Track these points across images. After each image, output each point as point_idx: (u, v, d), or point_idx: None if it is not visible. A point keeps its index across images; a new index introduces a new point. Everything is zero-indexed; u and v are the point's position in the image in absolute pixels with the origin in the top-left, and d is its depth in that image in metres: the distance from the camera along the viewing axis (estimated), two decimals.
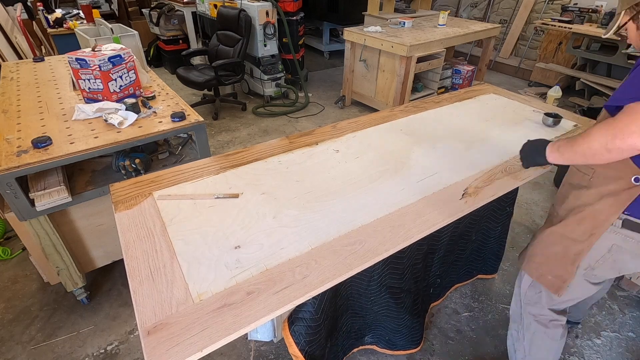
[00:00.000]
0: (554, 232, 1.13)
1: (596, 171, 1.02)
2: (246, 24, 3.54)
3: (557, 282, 1.15)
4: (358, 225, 1.08)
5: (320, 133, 1.61)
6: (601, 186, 1.01)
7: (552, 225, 1.16)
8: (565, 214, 1.11)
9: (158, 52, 5.23)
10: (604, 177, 1.00)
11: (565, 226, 1.10)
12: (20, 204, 1.41)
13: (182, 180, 1.28)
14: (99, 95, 1.79)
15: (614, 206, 0.98)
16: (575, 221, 1.07)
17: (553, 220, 1.18)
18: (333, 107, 4.17)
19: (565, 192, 1.16)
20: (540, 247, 1.19)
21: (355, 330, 1.49)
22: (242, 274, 0.92)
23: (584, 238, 1.05)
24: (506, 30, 5.27)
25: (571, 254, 1.09)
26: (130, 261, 0.94)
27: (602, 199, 1.00)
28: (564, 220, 1.11)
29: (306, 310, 1.15)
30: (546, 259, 1.17)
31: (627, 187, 0.94)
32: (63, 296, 1.89)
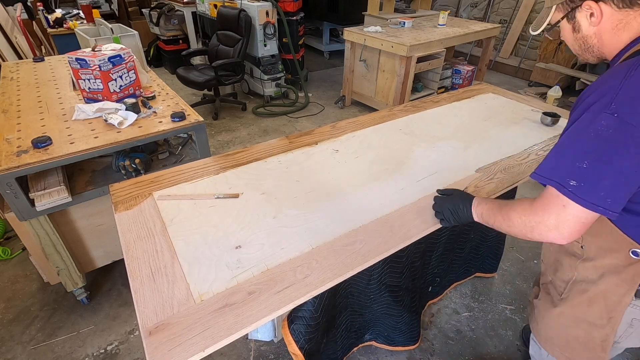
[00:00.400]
0: (565, 314, 0.98)
1: (585, 238, 0.88)
2: (246, 24, 3.54)
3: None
4: (358, 225, 1.08)
5: (320, 133, 1.61)
6: (597, 259, 0.87)
7: (552, 301, 1.02)
8: (565, 287, 0.97)
9: (158, 52, 5.23)
10: (597, 248, 0.86)
11: (575, 307, 0.95)
12: (20, 204, 1.41)
13: (182, 180, 1.28)
14: (99, 95, 1.79)
15: (621, 287, 0.84)
16: (584, 302, 0.92)
17: (550, 289, 1.04)
18: (333, 107, 4.17)
19: (556, 255, 1.00)
20: (556, 330, 1.03)
21: (355, 328, 1.49)
22: (243, 273, 0.92)
23: (604, 322, 0.90)
24: (506, 30, 5.28)
25: (597, 340, 0.94)
26: (131, 261, 0.94)
27: (603, 276, 0.86)
28: (569, 299, 0.96)
29: (306, 309, 1.15)
30: (568, 343, 1.01)
31: (628, 263, 0.81)
32: (63, 296, 1.89)
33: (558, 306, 0.98)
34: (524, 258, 2.19)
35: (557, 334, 1.02)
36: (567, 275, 0.94)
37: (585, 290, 0.90)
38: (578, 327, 0.96)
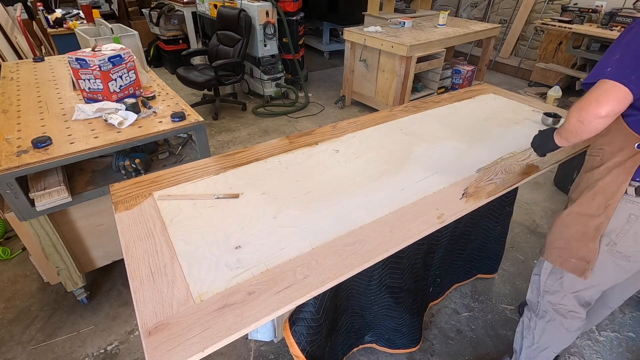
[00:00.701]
0: (571, 212, 1.13)
1: (604, 149, 1.05)
2: (246, 24, 3.54)
3: (581, 264, 1.12)
4: (358, 225, 1.08)
5: (320, 133, 1.61)
6: (609, 161, 1.03)
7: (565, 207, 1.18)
8: (579, 195, 1.12)
9: (158, 52, 5.23)
10: (611, 153, 1.03)
11: (580, 204, 1.10)
12: (20, 204, 1.41)
13: (182, 180, 1.28)
14: (99, 95, 1.79)
15: (621, 175, 1.00)
16: (588, 198, 1.08)
17: (568, 206, 1.19)
18: (333, 107, 4.17)
19: (579, 179, 1.17)
20: (559, 231, 1.18)
21: (355, 329, 1.49)
22: (243, 274, 0.92)
23: (600, 211, 1.05)
24: (506, 30, 5.28)
25: (591, 230, 1.08)
26: (131, 261, 0.94)
27: (610, 172, 1.02)
28: (578, 200, 1.12)
29: (307, 311, 1.15)
30: (567, 242, 1.15)
31: (631, 155, 0.97)
32: (63, 296, 1.89)
33: (567, 207, 1.16)
34: (524, 258, 2.18)
35: (559, 235, 1.18)
36: (584, 185, 1.11)
37: (592, 188, 1.07)
38: (579, 222, 1.11)
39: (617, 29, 3.57)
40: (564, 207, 1.24)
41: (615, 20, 3.67)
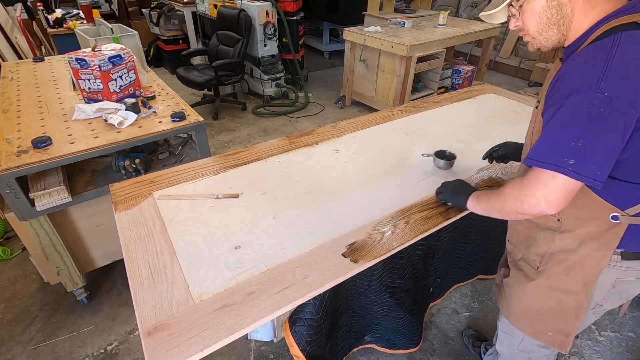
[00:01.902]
0: (540, 285, 0.96)
1: (563, 212, 0.87)
2: (246, 24, 3.54)
3: (560, 338, 0.98)
4: (358, 225, 1.08)
5: (320, 133, 1.61)
6: (576, 229, 0.86)
7: (526, 276, 1.00)
8: (540, 260, 0.95)
9: (158, 52, 5.23)
10: (575, 219, 0.85)
11: (551, 278, 0.93)
12: (20, 204, 1.41)
13: (182, 180, 1.28)
14: (99, 95, 1.79)
15: (600, 250, 0.84)
16: (561, 271, 0.91)
17: (522, 266, 1.02)
18: (333, 107, 4.17)
19: (528, 232, 0.98)
20: (528, 303, 1.01)
21: (355, 330, 1.49)
22: (243, 274, 0.92)
23: (579, 288, 0.90)
24: (506, 30, 5.27)
25: (571, 308, 0.93)
26: (131, 261, 0.94)
27: (583, 243, 0.86)
28: (546, 270, 0.94)
29: (307, 311, 1.14)
30: (539, 315, 1.00)
31: (608, 227, 0.81)
32: (63, 296, 1.89)
33: (534, 279, 0.97)
34: None
35: (529, 307, 1.01)
36: (542, 249, 0.94)
37: (563, 260, 0.90)
38: (552, 298, 0.96)
39: None
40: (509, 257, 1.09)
41: None
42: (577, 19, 0.76)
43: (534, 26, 0.80)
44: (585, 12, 0.75)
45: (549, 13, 0.77)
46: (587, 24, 0.75)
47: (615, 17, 0.72)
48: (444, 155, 1.38)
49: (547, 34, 0.80)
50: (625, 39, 0.68)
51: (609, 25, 0.72)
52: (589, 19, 0.75)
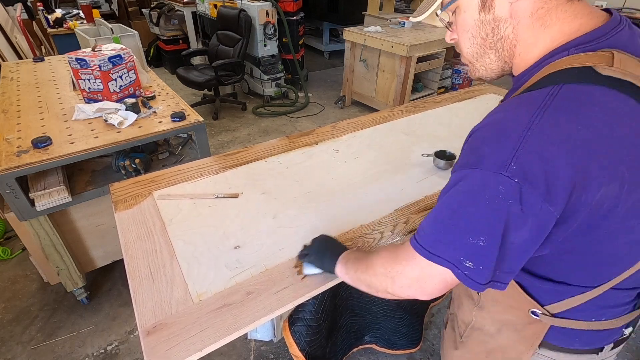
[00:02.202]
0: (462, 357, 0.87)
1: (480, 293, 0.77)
2: (246, 24, 3.54)
3: None
4: (358, 225, 1.08)
5: (320, 133, 1.61)
6: (495, 312, 0.74)
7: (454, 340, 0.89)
8: (465, 329, 0.84)
9: (158, 52, 5.23)
10: (493, 300, 0.74)
11: (473, 355, 0.83)
12: (20, 204, 1.41)
13: (182, 180, 1.28)
14: (99, 95, 1.79)
15: (521, 344, 0.72)
16: (482, 353, 0.81)
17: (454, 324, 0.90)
18: (333, 107, 4.17)
19: (459, 290, 0.87)
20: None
21: (355, 330, 1.49)
22: (242, 274, 0.92)
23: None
24: None
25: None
26: (130, 261, 0.94)
27: (501, 331, 0.75)
28: (468, 344, 0.84)
29: (306, 311, 1.14)
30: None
31: (528, 322, 0.69)
32: (63, 296, 1.89)
33: (458, 349, 0.87)
34: None
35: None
36: (466, 318, 0.83)
37: (484, 342, 0.79)
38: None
39: None
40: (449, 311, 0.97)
41: None
42: (524, 43, 0.57)
43: (467, 46, 0.62)
44: (535, 33, 0.55)
45: (483, 31, 0.58)
46: (537, 52, 0.56)
47: (570, 51, 0.52)
48: (444, 156, 1.37)
49: (484, 60, 0.62)
50: (562, 97, 0.49)
51: (557, 64, 0.52)
52: (539, 44, 0.55)
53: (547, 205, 0.48)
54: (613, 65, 0.49)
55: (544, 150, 0.47)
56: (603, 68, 0.49)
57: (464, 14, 0.59)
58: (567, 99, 0.48)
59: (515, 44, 0.58)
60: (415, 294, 0.61)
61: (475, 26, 0.59)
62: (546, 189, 0.47)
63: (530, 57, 0.57)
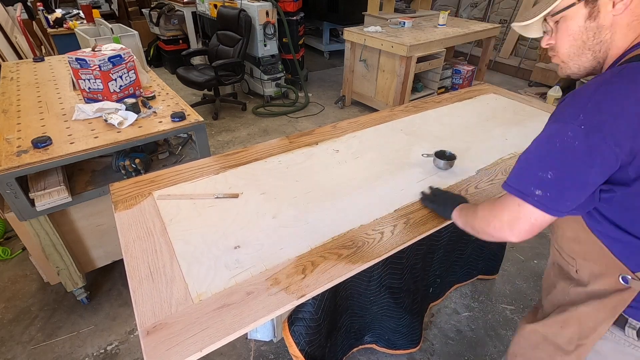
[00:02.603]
0: (536, 331, 0.88)
1: (578, 262, 0.79)
2: (246, 24, 3.54)
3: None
4: (358, 225, 1.08)
5: (320, 133, 1.61)
6: (590, 284, 0.77)
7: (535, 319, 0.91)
8: (550, 309, 0.87)
9: (158, 52, 5.23)
10: (590, 272, 0.77)
11: (547, 326, 0.85)
12: (20, 204, 1.41)
13: (182, 180, 1.28)
14: (99, 95, 1.79)
15: (601, 311, 0.74)
16: (558, 322, 0.83)
17: (537, 312, 0.94)
18: (333, 107, 4.17)
19: (553, 279, 0.90)
20: (520, 347, 0.93)
21: (355, 330, 1.49)
22: (242, 274, 0.92)
23: (571, 348, 0.80)
24: (506, 30, 5.27)
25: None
26: (130, 261, 0.94)
27: (589, 300, 0.77)
28: (546, 318, 0.86)
29: (306, 311, 1.15)
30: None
31: (616, 289, 0.72)
32: (63, 296, 1.89)
33: (532, 322, 0.90)
34: (524, 258, 2.18)
35: (521, 352, 0.93)
36: (557, 299, 0.86)
37: (563, 311, 0.82)
38: (543, 349, 0.86)
39: None
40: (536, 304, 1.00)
41: None
42: (616, 46, 0.68)
43: (566, 48, 0.72)
44: (626, 36, 0.67)
45: (585, 35, 0.69)
46: (623, 49, 0.68)
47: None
48: (444, 156, 1.37)
49: (580, 59, 0.73)
50: (629, 72, 0.62)
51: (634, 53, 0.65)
52: (626, 43, 0.67)
53: (611, 145, 0.59)
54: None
55: (610, 105, 0.60)
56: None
57: (570, 22, 0.69)
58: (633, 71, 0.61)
59: (610, 47, 0.69)
60: (507, 234, 0.73)
61: (579, 31, 0.69)
62: (609, 132, 0.59)
63: (617, 54, 0.69)
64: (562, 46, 0.73)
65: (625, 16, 0.65)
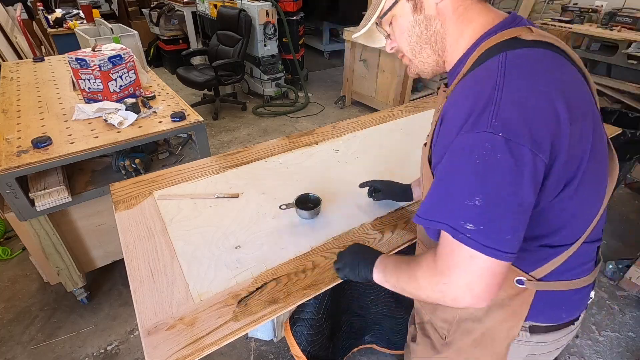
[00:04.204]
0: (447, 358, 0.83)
1: None
2: (246, 24, 3.54)
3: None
4: (359, 225, 1.08)
5: (320, 133, 1.61)
6: None
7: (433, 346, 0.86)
8: (448, 328, 0.80)
9: (158, 52, 5.23)
10: None
11: (461, 351, 0.80)
12: (20, 204, 1.41)
13: (182, 180, 1.28)
14: (99, 95, 1.79)
15: (508, 320, 0.71)
16: (469, 345, 0.78)
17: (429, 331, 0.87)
18: (333, 107, 4.17)
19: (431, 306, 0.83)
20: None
21: (355, 329, 1.49)
22: (242, 273, 0.92)
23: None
24: None
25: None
26: (131, 261, 0.94)
27: (490, 311, 0.72)
28: (454, 342, 0.80)
29: (307, 311, 1.14)
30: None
31: (515, 293, 0.68)
32: (63, 296, 1.89)
33: (442, 352, 0.83)
34: None
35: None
36: (449, 314, 0.79)
37: (471, 330, 0.76)
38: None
39: (617, 28, 3.57)
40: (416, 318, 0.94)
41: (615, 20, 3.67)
42: (452, 36, 0.65)
43: (406, 46, 0.69)
44: (460, 27, 0.64)
45: (418, 29, 0.66)
46: (464, 43, 0.64)
47: (495, 33, 0.60)
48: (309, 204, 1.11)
49: (421, 55, 0.69)
50: (512, 59, 0.55)
51: (488, 43, 0.60)
52: (465, 36, 0.64)
53: (536, 153, 0.50)
54: (533, 32, 0.59)
55: (518, 102, 0.51)
56: (527, 35, 0.58)
57: (401, 19, 0.67)
58: (517, 58, 0.55)
59: (445, 37, 0.65)
60: (472, 302, 0.57)
61: (410, 27, 0.66)
62: (530, 136, 0.50)
63: (459, 49, 0.65)
64: (402, 45, 0.70)
65: (447, 2, 0.63)
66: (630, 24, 3.58)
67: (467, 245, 0.53)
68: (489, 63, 0.57)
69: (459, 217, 0.53)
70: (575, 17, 4.04)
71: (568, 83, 0.57)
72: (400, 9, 0.66)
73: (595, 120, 0.60)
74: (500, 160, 0.49)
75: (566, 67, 0.59)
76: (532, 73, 0.54)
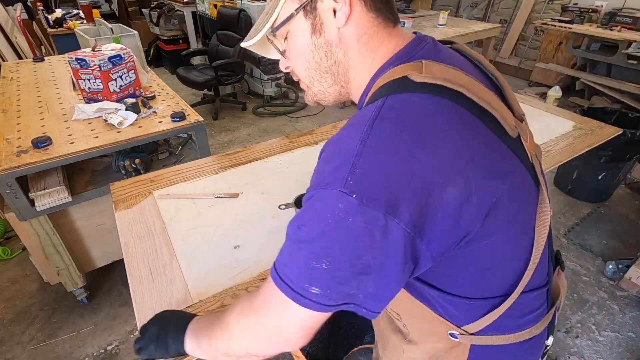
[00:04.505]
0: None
1: (403, 317, 0.70)
2: (246, 24, 3.54)
3: None
4: None
5: (320, 133, 1.61)
6: (421, 342, 0.69)
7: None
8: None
9: (158, 52, 5.23)
10: (418, 330, 0.69)
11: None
12: (20, 204, 1.41)
13: (182, 179, 1.28)
14: (99, 95, 1.79)
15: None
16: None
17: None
18: (333, 107, 4.17)
19: (383, 327, 0.81)
20: None
21: (355, 329, 1.49)
22: (242, 273, 0.92)
23: None
24: (506, 30, 5.27)
25: None
26: (130, 261, 0.94)
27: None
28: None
29: None
30: None
31: (450, 346, 0.64)
32: (63, 296, 1.89)
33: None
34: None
35: None
36: (395, 356, 0.76)
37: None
38: None
39: (617, 28, 3.58)
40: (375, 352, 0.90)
41: (615, 20, 3.67)
42: (356, 67, 0.57)
43: (303, 71, 0.60)
44: (363, 57, 0.56)
45: (317, 55, 0.57)
46: (367, 76, 0.57)
47: (391, 66, 0.54)
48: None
49: (321, 84, 0.61)
50: (387, 108, 0.48)
51: (382, 79, 0.54)
52: (368, 67, 0.57)
53: (391, 218, 0.43)
54: (422, 72, 0.50)
55: (378, 162, 0.44)
56: (416, 75, 0.50)
57: (296, 38, 0.57)
58: (391, 108, 0.48)
59: (348, 69, 0.58)
60: (279, 346, 0.53)
61: (308, 50, 0.57)
62: (387, 201, 0.43)
63: (363, 81, 0.58)
64: (298, 69, 0.61)
65: (350, 28, 0.54)
66: (630, 24, 3.57)
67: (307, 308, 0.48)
68: (367, 108, 0.50)
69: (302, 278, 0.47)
70: (575, 17, 4.03)
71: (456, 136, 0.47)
72: (297, 26, 0.56)
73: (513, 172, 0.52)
74: (352, 223, 0.44)
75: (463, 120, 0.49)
76: (403, 127, 0.46)
